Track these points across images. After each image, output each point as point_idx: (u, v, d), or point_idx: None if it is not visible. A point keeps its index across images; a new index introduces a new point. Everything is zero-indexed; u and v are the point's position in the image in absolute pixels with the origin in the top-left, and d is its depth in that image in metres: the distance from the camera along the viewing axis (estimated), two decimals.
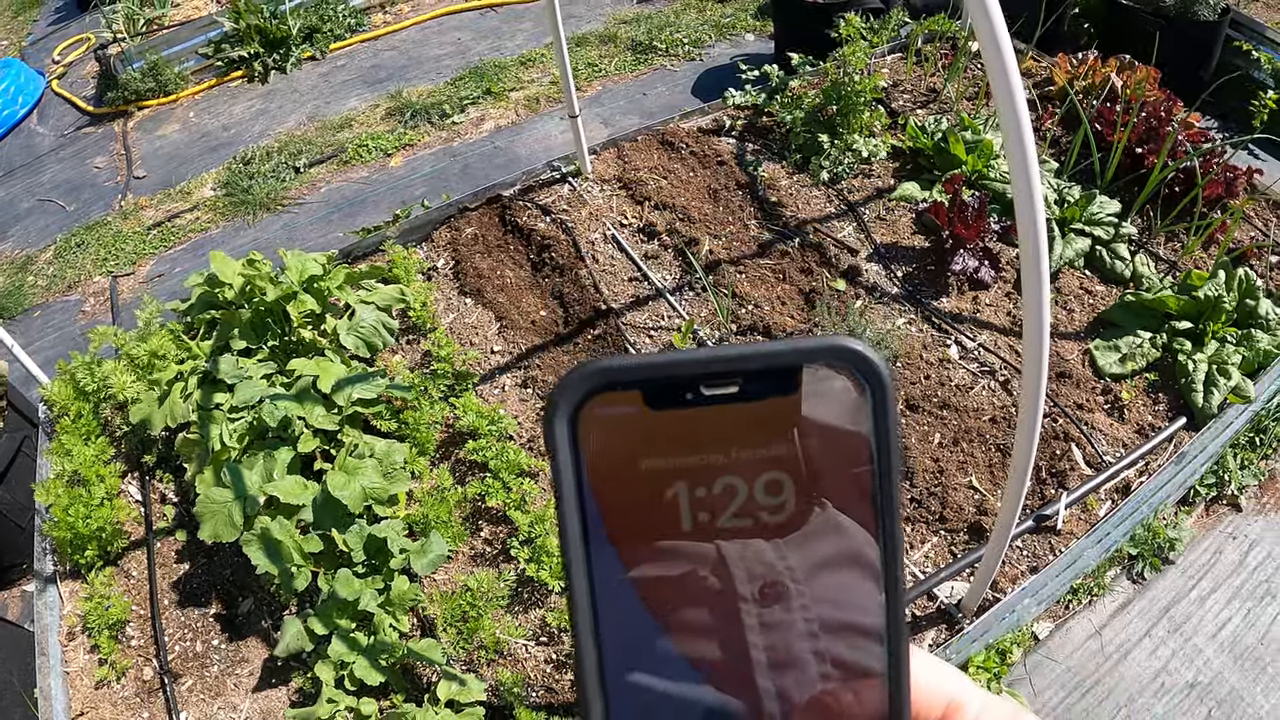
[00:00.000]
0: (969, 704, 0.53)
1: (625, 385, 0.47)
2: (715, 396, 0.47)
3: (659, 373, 0.47)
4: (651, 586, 0.48)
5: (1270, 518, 3.97)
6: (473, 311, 4.74)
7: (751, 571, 0.48)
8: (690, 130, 5.75)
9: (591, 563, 0.47)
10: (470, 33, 7.84)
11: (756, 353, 0.47)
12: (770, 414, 0.47)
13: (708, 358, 0.47)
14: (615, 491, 0.47)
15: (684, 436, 0.47)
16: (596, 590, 0.47)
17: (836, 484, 0.48)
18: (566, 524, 0.47)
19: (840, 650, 0.48)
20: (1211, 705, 3.39)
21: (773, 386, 0.47)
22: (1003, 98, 1.95)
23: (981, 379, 4.29)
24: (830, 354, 0.47)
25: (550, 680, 3.43)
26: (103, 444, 4.15)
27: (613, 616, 0.47)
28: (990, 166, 5.10)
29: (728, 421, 0.47)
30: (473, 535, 3.86)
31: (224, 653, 3.65)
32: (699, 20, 7.63)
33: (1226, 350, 4.22)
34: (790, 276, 4.75)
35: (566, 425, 0.47)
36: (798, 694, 0.48)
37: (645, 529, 0.48)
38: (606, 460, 0.47)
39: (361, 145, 6.38)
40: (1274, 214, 5.13)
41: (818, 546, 0.48)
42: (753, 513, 0.48)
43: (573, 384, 0.46)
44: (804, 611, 0.48)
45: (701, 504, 0.47)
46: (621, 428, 0.47)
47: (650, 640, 0.48)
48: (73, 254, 5.87)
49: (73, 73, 7.99)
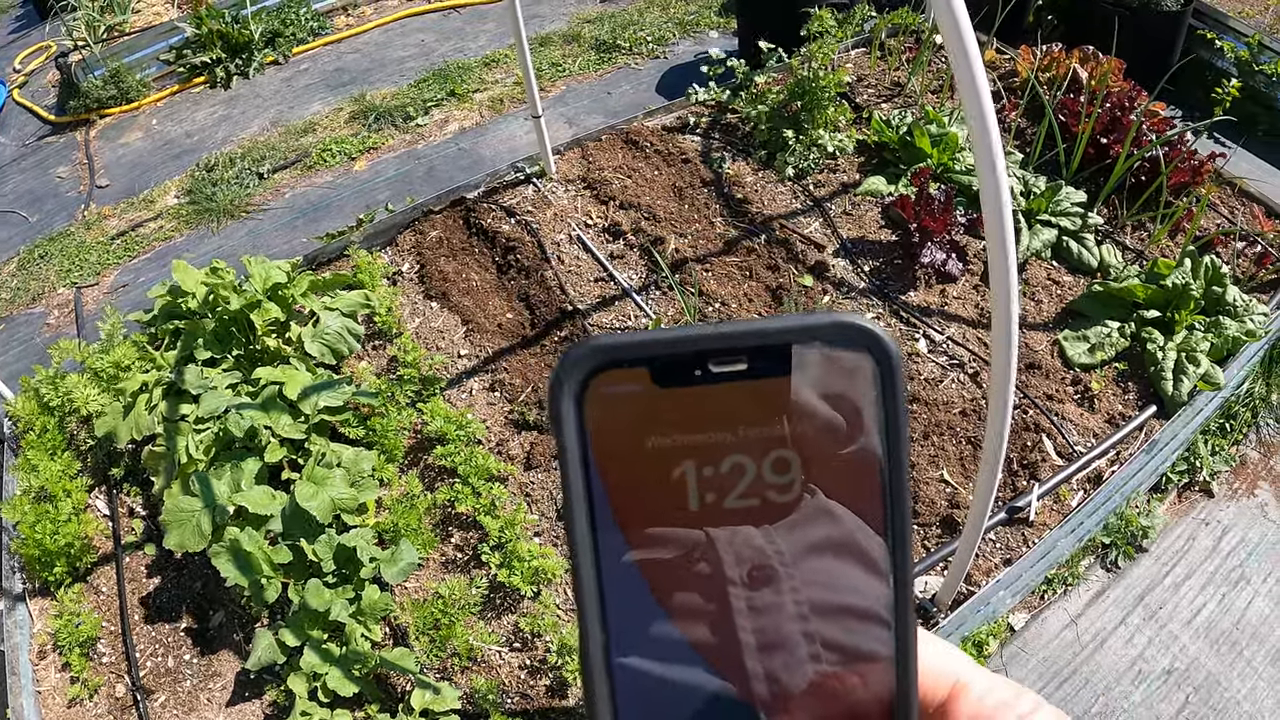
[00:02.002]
0: (974, 684, 0.53)
1: (632, 362, 0.46)
2: (723, 374, 0.46)
3: (666, 349, 0.46)
4: (651, 568, 0.47)
5: (1242, 503, 3.99)
6: (439, 315, 4.71)
7: (740, 555, 0.47)
8: (655, 128, 5.74)
9: (598, 542, 0.46)
10: (434, 34, 7.80)
11: (763, 329, 0.46)
12: (778, 391, 0.47)
13: (715, 334, 0.46)
14: (622, 470, 0.46)
15: (691, 414, 0.47)
16: (603, 570, 0.46)
17: (844, 461, 0.47)
18: (573, 503, 0.46)
19: (833, 633, 0.48)
20: (1189, 691, 3.40)
21: (780, 363, 0.46)
22: (967, 90, 1.95)
23: (951, 372, 4.29)
24: (839, 330, 0.46)
25: (525, 686, 3.41)
26: (69, 458, 4.11)
27: (616, 597, 0.47)
28: (956, 159, 5.11)
29: (735, 399, 0.47)
30: (443, 542, 3.83)
31: (196, 667, 3.61)
32: (663, 18, 7.62)
33: (1195, 338, 4.23)
34: (757, 273, 4.74)
35: (573, 403, 0.45)
36: (787, 676, 0.47)
37: (652, 508, 0.47)
38: (612, 438, 0.46)
39: (325, 150, 6.33)
40: (1240, 201, 5.16)
41: (808, 531, 0.47)
42: (760, 492, 0.47)
43: (579, 360, 0.45)
44: (794, 595, 0.48)
45: (709, 483, 0.47)
46: (628, 405, 0.46)
47: (651, 622, 0.47)
48: (36, 266, 5.80)
49: (34, 81, 7.90)
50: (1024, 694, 0.52)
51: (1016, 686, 0.52)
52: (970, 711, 0.52)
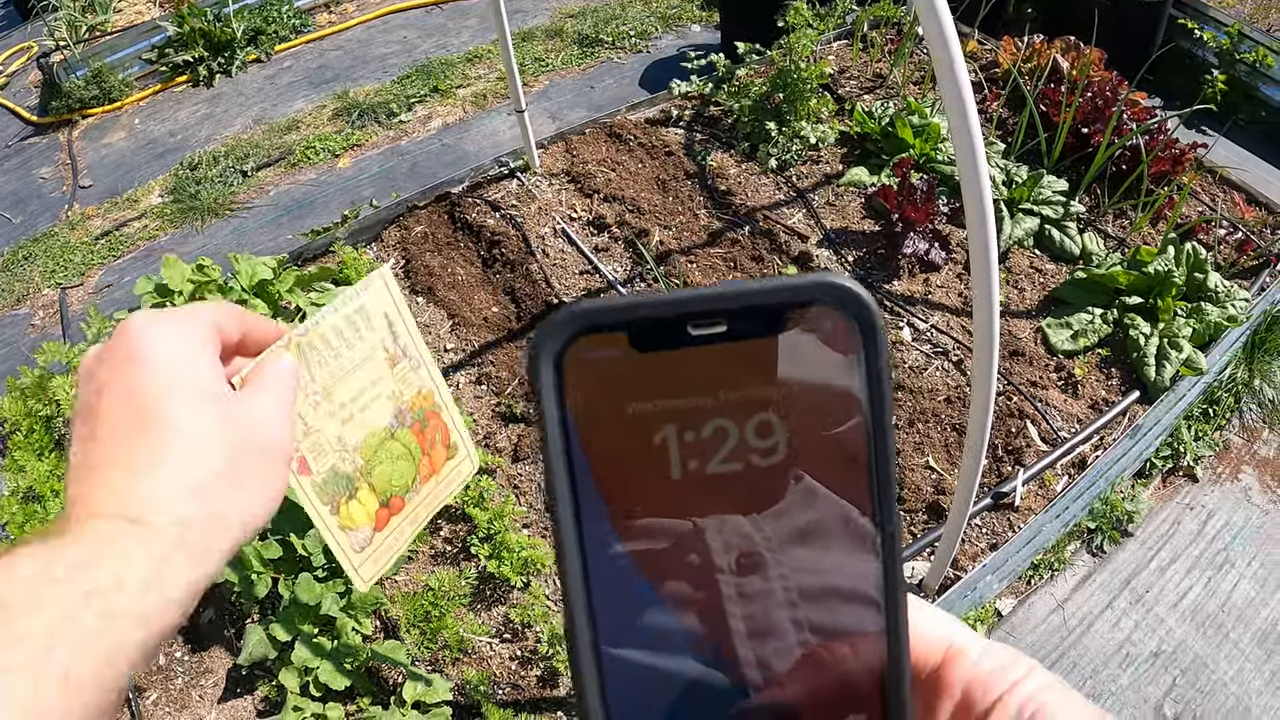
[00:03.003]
0: (969, 649, 0.53)
1: (610, 326, 0.46)
2: (702, 337, 0.46)
3: (644, 313, 0.46)
4: (637, 548, 0.47)
5: (1226, 487, 4.02)
6: (425, 310, 4.71)
7: (728, 542, 0.47)
8: (638, 122, 5.74)
9: (580, 513, 0.46)
10: (416, 30, 7.79)
11: (742, 290, 0.46)
12: (759, 354, 0.47)
13: (692, 296, 0.46)
14: (603, 437, 0.46)
15: (672, 379, 0.47)
16: (587, 549, 0.46)
17: (827, 421, 0.47)
18: (554, 472, 0.46)
19: (822, 616, 0.48)
20: (1176, 673, 3.43)
21: (762, 325, 0.46)
22: (947, 82, 1.96)
23: (935, 360, 4.31)
24: (819, 291, 0.46)
25: (516, 677, 3.42)
26: (56, 459, 4.10)
27: (601, 580, 0.47)
28: (938, 149, 5.13)
29: (716, 362, 0.47)
30: (432, 534, 3.84)
31: (187, 664, 3.61)
32: (645, 12, 7.62)
33: (1177, 323, 4.26)
34: (741, 264, 4.75)
35: (552, 370, 0.45)
36: (778, 660, 0.48)
37: (634, 475, 0.47)
38: (593, 405, 0.46)
39: (309, 147, 6.33)
40: (1221, 188, 5.20)
41: (795, 516, 0.48)
42: (744, 456, 0.47)
43: (556, 327, 0.45)
44: (782, 580, 0.48)
45: (691, 449, 0.47)
46: (608, 371, 0.46)
47: (640, 607, 0.47)
48: (20, 267, 5.79)
49: (15, 82, 7.86)
50: (1020, 658, 0.52)
51: (1013, 651, 0.52)
52: (965, 676, 0.52)
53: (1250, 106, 6.01)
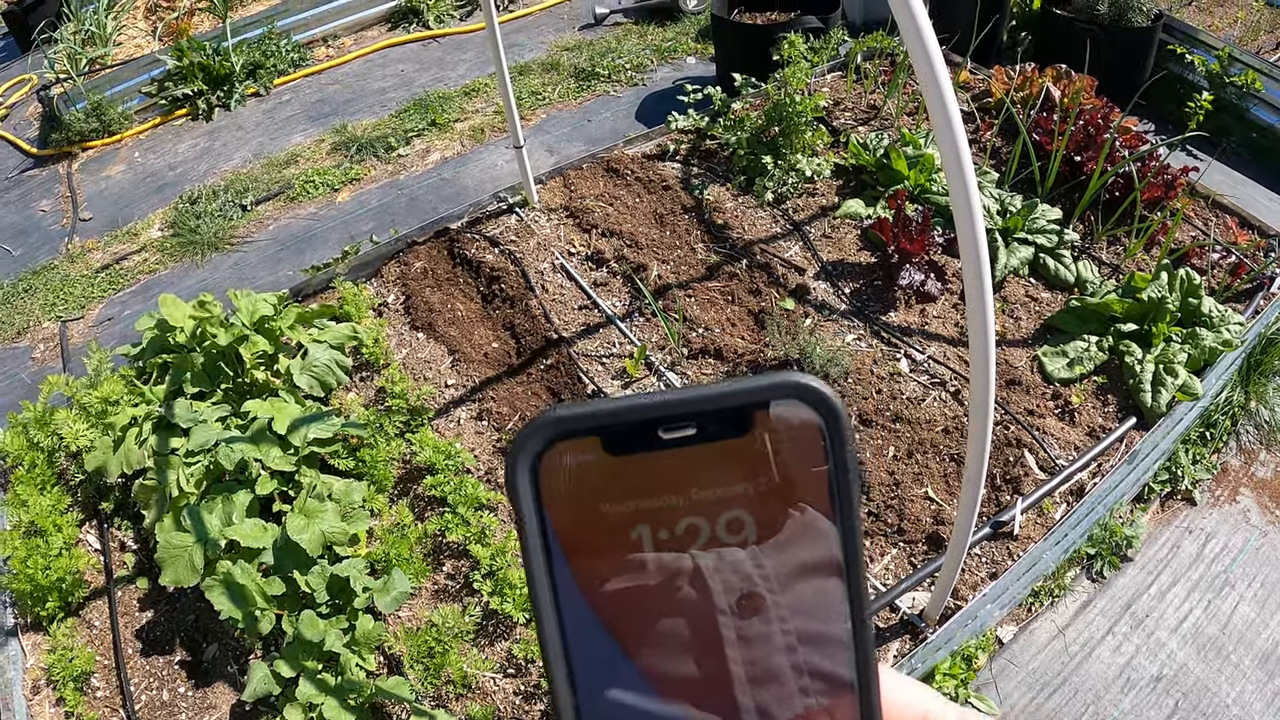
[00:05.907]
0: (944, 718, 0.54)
1: (584, 433, 0.47)
2: (673, 439, 0.48)
3: (614, 419, 0.47)
4: (624, 620, 0.48)
5: (1225, 510, 4.04)
6: (425, 346, 4.74)
7: (729, 584, 0.48)
8: (635, 156, 5.78)
9: (561, 610, 0.48)
10: (413, 64, 7.85)
11: (708, 395, 0.47)
12: (728, 453, 0.48)
13: (660, 402, 0.47)
14: (580, 539, 0.48)
15: (644, 480, 0.48)
16: (569, 640, 0.48)
17: (796, 518, 0.48)
18: (534, 573, 0.47)
19: (816, 660, 0.49)
20: (1178, 697, 3.44)
21: (731, 426, 0.48)
22: (938, 115, 1.99)
23: (933, 391, 4.33)
24: (781, 391, 0.47)
25: (519, 712, 3.43)
26: (58, 493, 4.11)
27: (586, 658, 0.48)
28: (933, 180, 5.17)
29: (687, 463, 0.48)
30: (435, 570, 3.85)
31: (191, 700, 3.62)
32: (640, 45, 7.69)
33: (1172, 349, 4.29)
34: (739, 298, 4.78)
35: (529, 476, 0.47)
36: (778, 710, 0.48)
37: (610, 573, 0.48)
38: (569, 507, 0.47)
39: (308, 181, 6.36)
40: (1213, 212, 5.23)
41: (794, 553, 0.49)
42: (715, 551, 0.48)
43: (531, 435, 0.47)
44: (782, 624, 0.48)
45: (665, 545, 0.48)
46: (582, 475, 0.48)
47: (626, 676, 0.48)
48: (20, 299, 5.81)
49: (15, 114, 7.90)
50: None
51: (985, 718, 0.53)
52: None
53: (1242, 129, 6.06)
